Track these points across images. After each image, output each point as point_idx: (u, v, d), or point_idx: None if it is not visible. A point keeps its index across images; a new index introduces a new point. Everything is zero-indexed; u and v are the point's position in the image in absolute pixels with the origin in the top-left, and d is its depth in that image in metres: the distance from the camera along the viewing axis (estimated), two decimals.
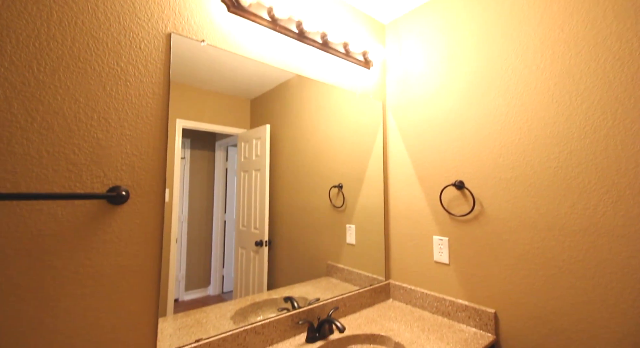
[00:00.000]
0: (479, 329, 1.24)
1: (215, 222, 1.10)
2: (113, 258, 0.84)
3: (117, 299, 0.84)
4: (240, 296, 1.12)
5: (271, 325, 1.11)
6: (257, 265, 1.18)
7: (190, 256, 1.02)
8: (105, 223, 0.84)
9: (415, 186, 1.52)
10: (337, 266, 1.42)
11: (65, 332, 0.76)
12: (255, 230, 1.19)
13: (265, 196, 1.22)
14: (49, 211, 0.77)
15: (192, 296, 1.01)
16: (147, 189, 0.92)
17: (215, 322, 1.02)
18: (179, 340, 0.93)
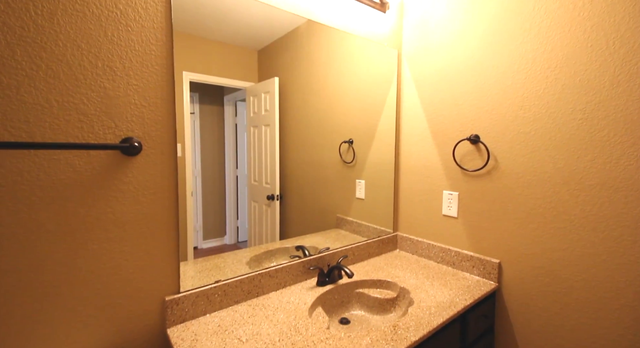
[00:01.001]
0: (482, 277, 1.28)
1: (228, 177, 1.11)
2: (132, 207, 0.87)
3: (140, 243, 0.89)
4: (254, 246, 1.17)
5: (284, 270, 1.18)
6: (269, 218, 1.21)
7: (206, 208, 1.06)
8: (121, 173, 0.86)
9: (427, 141, 1.48)
10: (346, 219, 1.45)
11: (96, 272, 0.82)
12: (266, 185, 1.21)
13: (276, 152, 1.21)
14: (67, 161, 0.78)
15: (209, 245, 1.06)
16: (158, 141, 0.92)
17: (232, 266, 1.09)
18: (200, 281, 1.00)
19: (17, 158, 0.72)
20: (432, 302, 1.08)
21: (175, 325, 0.92)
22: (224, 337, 0.87)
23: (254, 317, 0.98)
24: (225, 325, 0.93)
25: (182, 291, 0.95)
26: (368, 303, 1.20)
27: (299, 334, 0.89)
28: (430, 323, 0.96)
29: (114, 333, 0.85)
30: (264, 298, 1.10)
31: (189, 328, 0.91)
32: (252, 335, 0.89)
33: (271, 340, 0.86)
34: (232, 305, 1.04)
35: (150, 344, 0.91)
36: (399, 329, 0.93)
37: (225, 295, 1.02)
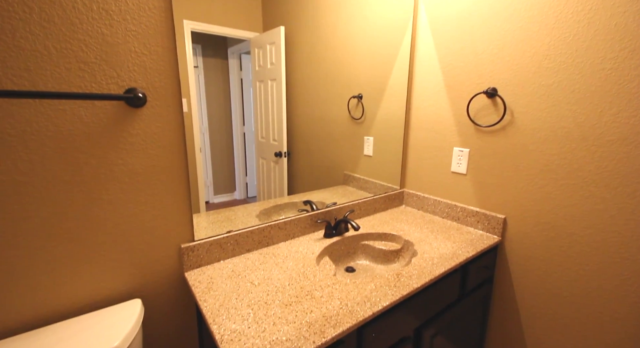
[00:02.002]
0: (486, 232, 1.30)
1: (235, 134, 1.10)
2: (142, 159, 0.88)
3: (152, 194, 0.91)
4: (262, 201, 1.19)
5: (292, 222, 1.21)
6: (277, 174, 1.21)
7: (215, 164, 1.06)
8: (128, 125, 0.85)
9: (441, 95, 1.40)
10: (354, 176, 1.45)
11: (113, 220, 0.85)
12: (274, 142, 1.19)
13: (283, 108, 1.17)
14: (73, 112, 0.77)
15: (220, 199, 1.08)
16: (163, 92, 0.89)
17: (242, 219, 1.12)
18: (213, 232, 1.04)
19: (23, 107, 0.71)
20: (435, 254, 1.11)
21: (192, 270, 0.98)
22: (237, 280, 0.93)
23: (265, 263, 1.03)
24: (238, 270, 0.99)
25: (197, 240, 1.00)
26: (373, 254, 1.25)
27: (307, 279, 0.94)
28: (432, 273, 0.99)
29: (137, 275, 0.91)
30: (273, 247, 1.15)
31: (205, 272, 0.97)
32: (263, 279, 0.94)
33: (281, 284, 0.92)
34: (243, 253, 1.09)
35: (171, 286, 0.98)
36: (402, 277, 0.97)
37: (237, 244, 1.07)
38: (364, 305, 0.83)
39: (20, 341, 0.72)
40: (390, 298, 0.86)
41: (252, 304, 0.82)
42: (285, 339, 0.71)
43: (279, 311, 0.80)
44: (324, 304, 0.83)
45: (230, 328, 0.74)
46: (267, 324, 0.75)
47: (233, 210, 1.11)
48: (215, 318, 0.77)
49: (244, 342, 0.70)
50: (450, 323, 1.16)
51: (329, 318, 0.78)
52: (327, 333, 0.73)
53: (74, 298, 0.82)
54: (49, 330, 0.75)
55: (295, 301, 0.84)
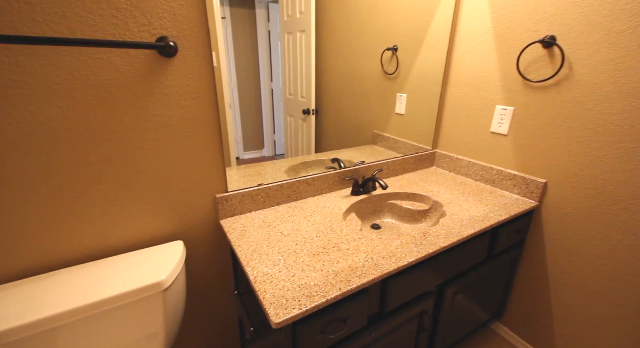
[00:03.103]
0: (523, 196, 1.23)
1: (263, 91, 1.07)
2: (176, 111, 0.89)
3: (188, 145, 0.93)
4: (291, 157, 1.19)
5: (320, 178, 1.22)
6: (305, 132, 1.19)
7: (244, 121, 1.05)
8: (162, 76, 0.84)
9: (488, 46, 1.25)
10: (383, 135, 1.40)
11: (153, 168, 0.90)
12: (302, 99, 1.15)
13: (311, 62, 1.11)
14: (109, 61, 0.77)
15: (249, 156, 1.09)
16: (193, 41, 0.86)
17: (272, 173, 1.14)
18: (244, 184, 1.07)
19: (65, 56, 0.72)
20: (464, 215, 1.09)
21: (226, 218, 1.04)
22: (268, 230, 0.97)
23: (294, 216, 1.06)
24: (269, 221, 1.03)
25: (230, 191, 1.04)
26: (399, 213, 1.24)
27: (334, 233, 0.97)
28: (460, 233, 0.98)
29: (178, 220, 0.98)
30: (301, 202, 1.17)
31: (238, 221, 1.03)
32: (292, 230, 0.98)
33: (309, 236, 0.95)
34: (273, 205, 1.13)
35: (208, 231, 1.05)
36: (429, 236, 0.96)
37: (267, 197, 1.10)
38: (389, 260, 0.84)
39: (86, 268, 0.82)
40: (415, 255, 0.87)
41: (282, 252, 0.87)
42: (313, 284, 0.74)
43: (307, 259, 0.84)
44: (349, 256, 0.85)
45: (262, 271, 0.79)
46: (296, 270, 0.79)
47: (262, 165, 1.12)
48: (249, 262, 0.82)
49: (275, 283, 0.74)
50: (474, 283, 1.16)
51: (355, 269, 0.80)
52: (352, 281, 0.76)
53: (125, 236, 0.91)
54: (106, 261, 0.85)
55: (323, 251, 0.87)
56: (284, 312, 0.66)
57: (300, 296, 0.71)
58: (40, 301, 0.71)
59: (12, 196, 0.74)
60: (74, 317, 0.71)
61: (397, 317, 0.93)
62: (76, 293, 0.73)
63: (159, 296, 0.80)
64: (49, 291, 0.74)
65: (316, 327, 0.73)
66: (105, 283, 0.77)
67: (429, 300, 1.01)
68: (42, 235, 0.80)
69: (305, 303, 0.69)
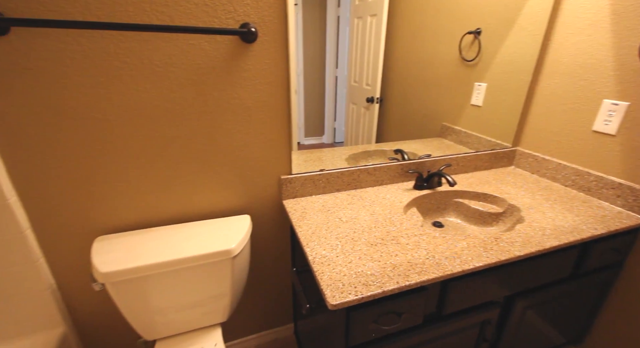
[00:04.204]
0: (628, 210, 1.01)
1: (328, 77, 1.05)
2: (252, 94, 0.93)
3: (260, 128, 0.97)
4: (351, 146, 1.16)
5: (382, 169, 1.17)
6: (367, 121, 1.15)
7: (307, 107, 1.05)
8: (241, 60, 0.88)
9: (600, 28, 1.03)
10: (454, 128, 1.27)
11: (230, 147, 0.96)
12: (366, 86, 1.10)
13: (380, 48, 1.04)
14: (200, 46, 0.83)
15: (309, 142, 1.10)
16: (272, 28, 0.88)
17: (332, 160, 1.13)
18: (305, 169, 1.08)
19: (166, 41, 0.80)
20: (547, 224, 0.93)
21: (288, 199, 1.07)
22: (327, 214, 0.98)
23: (352, 204, 1.04)
24: (328, 206, 1.03)
25: (294, 174, 1.06)
26: (467, 213, 1.13)
27: (393, 225, 0.92)
28: (540, 244, 0.84)
29: (247, 196, 1.04)
30: (361, 191, 1.15)
31: (299, 203, 1.05)
32: (350, 218, 0.96)
33: (367, 225, 0.92)
34: (333, 192, 1.13)
35: (272, 209, 1.10)
36: (502, 241, 0.85)
37: (328, 182, 1.10)
38: (452, 261, 0.77)
39: (171, 230, 0.93)
40: (484, 260, 0.78)
41: (340, 238, 0.86)
42: (370, 273, 0.72)
43: (364, 248, 0.81)
44: (409, 251, 0.81)
45: (320, 253, 0.79)
46: (353, 257, 0.78)
47: (323, 152, 1.12)
48: (308, 243, 0.83)
49: (332, 267, 0.74)
50: (551, 301, 1.01)
51: (414, 265, 0.75)
52: (411, 277, 0.71)
53: (202, 205, 1.00)
54: (186, 226, 0.95)
55: (381, 243, 0.84)
56: (340, 295, 0.66)
57: (356, 283, 0.69)
58: (138, 252, 0.83)
59: (119, 162, 0.87)
60: (161, 269, 0.81)
61: (455, 321, 0.86)
62: (164, 249, 0.84)
63: (229, 262, 0.87)
64: (144, 244, 0.86)
65: (370, 315, 0.71)
66: (186, 244, 0.86)
67: (493, 311, 0.90)
68: (141, 197, 0.93)
69: (361, 290, 0.67)
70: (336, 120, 1.14)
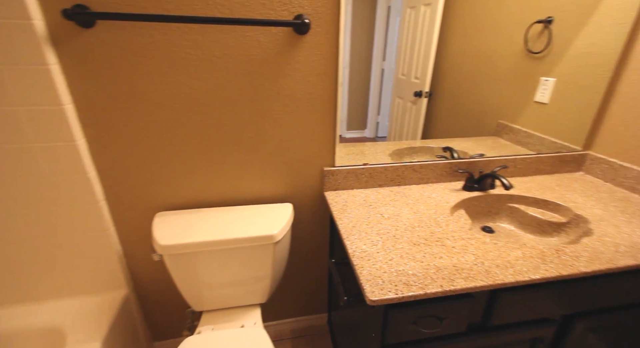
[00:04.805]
0: None
1: (374, 70, 1.00)
2: (302, 85, 0.93)
3: (307, 119, 0.97)
4: (395, 141, 1.11)
5: (428, 166, 1.10)
6: (413, 116, 1.08)
7: (351, 100, 1.02)
8: (294, 52, 0.88)
9: None
10: (512, 127, 1.15)
11: (276, 136, 0.98)
12: (415, 80, 1.03)
13: (433, 39, 0.97)
14: (256, 38, 0.85)
15: (351, 135, 1.07)
16: (325, 19, 0.86)
17: (375, 155, 1.09)
18: (348, 162, 1.06)
19: (224, 33, 0.83)
20: (622, 240, 0.81)
21: (330, 191, 1.07)
22: (368, 209, 0.95)
23: (395, 201, 1.00)
24: (369, 201, 1.00)
25: (336, 166, 1.05)
26: (522, 220, 1.02)
27: (439, 226, 0.87)
28: (612, 261, 0.73)
29: (290, 185, 1.06)
30: (405, 188, 1.10)
31: (340, 196, 1.04)
32: (392, 215, 0.92)
33: (410, 224, 0.88)
34: (375, 187, 1.09)
35: (313, 199, 1.10)
36: (564, 255, 0.75)
37: (370, 177, 1.07)
38: (504, 270, 0.70)
39: (219, 211, 0.98)
40: (542, 272, 0.70)
41: (381, 234, 0.83)
42: (412, 273, 0.69)
43: (406, 247, 0.78)
44: (455, 255, 0.75)
45: (360, 247, 0.77)
46: (395, 255, 0.75)
47: (366, 146, 1.09)
48: (348, 236, 0.82)
49: (372, 262, 0.72)
50: (620, 326, 0.88)
51: (460, 270, 0.70)
52: (456, 282, 0.66)
53: (248, 191, 1.04)
54: (233, 209, 1.00)
55: (424, 243, 0.79)
56: (380, 292, 0.63)
57: (397, 281, 0.66)
58: (192, 229, 0.88)
59: (179, 146, 0.93)
60: (210, 247, 0.86)
61: (502, 334, 0.79)
62: (214, 229, 0.89)
63: (271, 247, 0.89)
64: (197, 223, 0.91)
65: (409, 316, 0.68)
66: (233, 226, 0.90)
67: (548, 329, 0.81)
68: (196, 180, 0.99)
69: (401, 289, 0.64)
70: (380, 114, 1.10)
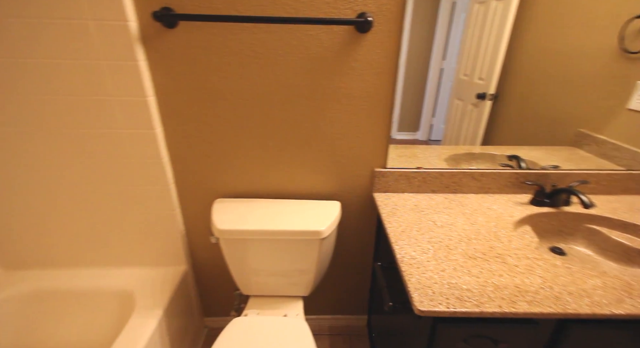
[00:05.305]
0: None
1: (432, 69, 0.93)
2: (358, 84, 0.91)
3: (360, 118, 0.95)
4: (452, 145, 1.03)
5: (490, 175, 1.01)
6: (473, 119, 0.99)
7: (405, 101, 0.97)
8: (353, 50, 0.87)
9: None
10: (595, 137, 0.99)
11: (329, 134, 0.98)
12: (479, 80, 0.94)
13: (503, 38, 0.87)
14: (317, 36, 0.86)
15: (402, 137, 1.01)
16: (388, 16, 0.84)
17: (429, 159, 1.03)
18: (399, 164, 1.02)
19: (288, 32, 0.85)
20: None
21: (379, 192, 1.04)
22: (419, 215, 0.90)
23: (450, 209, 0.94)
24: (421, 206, 0.95)
25: (388, 168, 1.01)
26: (604, 244, 0.88)
27: (499, 241, 0.79)
28: None
29: (338, 183, 1.05)
30: (461, 196, 1.02)
31: (390, 198, 1.00)
32: (446, 223, 0.86)
33: (466, 235, 0.81)
34: (428, 192, 1.03)
35: (361, 199, 1.09)
36: None
37: (423, 182, 1.02)
38: (579, 299, 0.61)
39: (271, 203, 1.02)
40: (627, 308, 0.59)
41: (433, 242, 0.78)
42: (466, 288, 0.63)
43: (461, 259, 0.72)
44: (518, 274, 0.67)
45: (409, 253, 0.74)
46: (447, 266, 0.70)
47: (419, 148, 1.03)
48: (396, 240, 0.79)
49: (422, 271, 0.68)
50: None
51: (523, 292, 0.63)
52: (518, 305, 0.59)
53: (298, 186, 1.06)
54: (283, 202, 1.02)
55: (482, 257, 0.73)
56: (429, 303, 0.60)
57: (448, 294, 0.62)
58: (246, 217, 0.93)
59: (239, 139, 0.98)
60: (261, 236, 0.90)
61: None
62: (265, 219, 0.92)
63: (317, 243, 0.90)
64: (251, 212, 0.96)
65: (460, 333, 0.63)
66: (283, 218, 0.93)
67: None
68: (252, 171, 1.03)
69: (453, 304, 0.60)
70: (435, 116, 1.03)
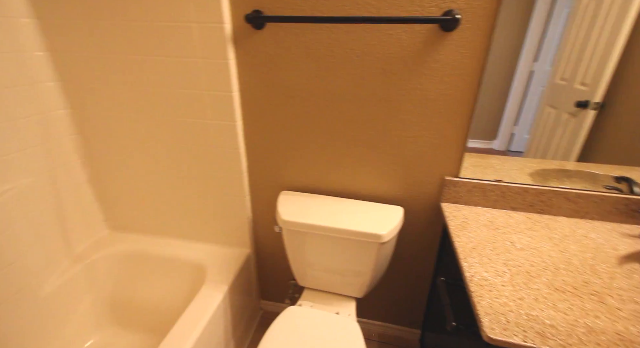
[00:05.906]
0: None
1: (520, 72, 0.81)
2: (436, 85, 0.85)
3: (435, 122, 0.89)
4: (539, 159, 0.89)
5: (590, 198, 0.85)
6: (569, 131, 0.83)
7: (482, 106, 0.86)
8: (434, 50, 0.82)
9: None
10: None
11: (400, 137, 0.94)
12: (581, 86, 0.79)
13: (620, 36, 0.71)
14: (397, 36, 0.83)
15: (475, 145, 0.91)
16: (479, 13, 0.76)
17: (509, 172, 0.91)
18: (472, 174, 0.93)
19: (367, 32, 0.84)
20: None
21: (447, 202, 0.96)
22: (494, 233, 0.81)
23: (533, 231, 0.82)
24: (497, 224, 0.85)
25: (461, 177, 0.93)
26: None
27: (597, 277, 0.66)
28: None
29: (403, 188, 1.01)
30: (548, 218, 0.88)
31: (460, 210, 0.92)
32: (527, 246, 0.76)
33: (553, 263, 0.70)
34: (507, 209, 0.92)
35: (426, 207, 1.02)
36: None
37: (502, 196, 0.91)
38: None
39: (333, 201, 1.03)
40: None
41: (510, 265, 0.69)
42: (550, 324, 0.55)
43: (544, 290, 0.62)
44: (620, 319, 0.56)
45: (481, 274, 0.67)
46: (526, 294, 0.61)
47: (498, 159, 0.91)
48: (466, 257, 0.72)
49: (494, 295, 0.61)
50: None
51: (627, 342, 0.52)
52: None
53: (362, 187, 1.05)
54: (346, 202, 1.02)
55: (572, 292, 0.62)
56: (502, 332, 0.53)
57: (526, 326, 0.54)
58: (309, 211, 0.96)
59: (309, 135, 1.01)
60: (322, 232, 0.92)
61: None
62: (327, 216, 0.94)
63: (376, 246, 0.88)
64: (313, 207, 0.99)
65: None
66: (344, 217, 0.93)
67: None
68: (319, 167, 1.06)
69: (532, 338, 0.52)
70: (517, 124, 0.90)
